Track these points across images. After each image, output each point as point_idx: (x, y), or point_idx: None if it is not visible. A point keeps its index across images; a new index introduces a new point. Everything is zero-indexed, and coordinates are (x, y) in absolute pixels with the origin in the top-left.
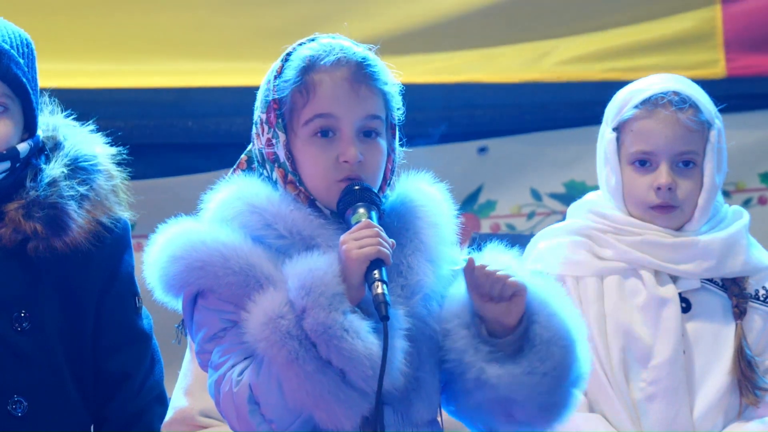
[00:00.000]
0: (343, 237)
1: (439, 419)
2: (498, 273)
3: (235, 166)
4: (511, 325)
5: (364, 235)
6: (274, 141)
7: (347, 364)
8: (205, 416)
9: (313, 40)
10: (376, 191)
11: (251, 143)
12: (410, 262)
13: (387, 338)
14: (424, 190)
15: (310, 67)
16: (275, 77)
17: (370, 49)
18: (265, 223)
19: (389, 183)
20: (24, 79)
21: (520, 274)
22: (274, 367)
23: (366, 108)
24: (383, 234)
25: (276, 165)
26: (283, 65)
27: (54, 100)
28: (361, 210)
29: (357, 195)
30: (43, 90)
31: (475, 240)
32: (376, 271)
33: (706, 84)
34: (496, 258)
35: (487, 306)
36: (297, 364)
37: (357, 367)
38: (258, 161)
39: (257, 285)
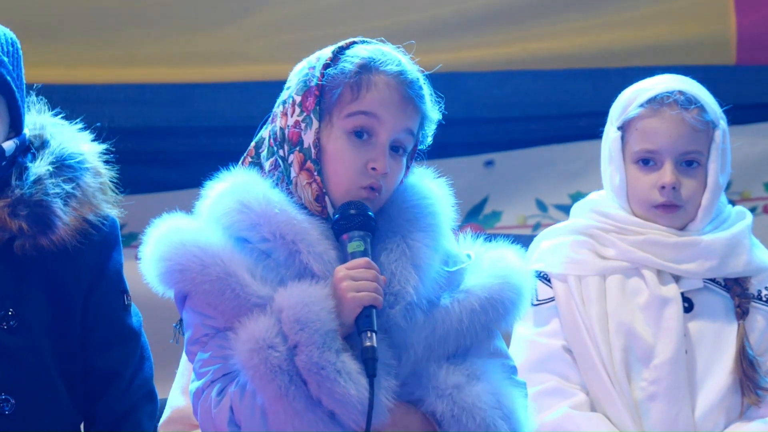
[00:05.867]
0: (340, 273)
1: None
2: None
3: (244, 156)
4: None
5: (362, 277)
6: (303, 125)
7: (339, 407)
8: None
9: (365, 42)
10: (373, 214)
11: (263, 128)
12: (394, 269)
13: (372, 396)
14: (419, 186)
15: (371, 68)
16: (325, 66)
17: (421, 71)
18: (251, 223)
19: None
20: (9, 78)
21: None
22: (261, 398)
23: (407, 122)
24: (379, 277)
25: (297, 149)
26: (338, 57)
27: (41, 99)
28: (358, 241)
29: (355, 221)
30: (30, 88)
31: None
32: (367, 321)
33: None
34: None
35: None
36: (286, 400)
37: (349, 411)
38: (274, 140)
39: (233, 295)
